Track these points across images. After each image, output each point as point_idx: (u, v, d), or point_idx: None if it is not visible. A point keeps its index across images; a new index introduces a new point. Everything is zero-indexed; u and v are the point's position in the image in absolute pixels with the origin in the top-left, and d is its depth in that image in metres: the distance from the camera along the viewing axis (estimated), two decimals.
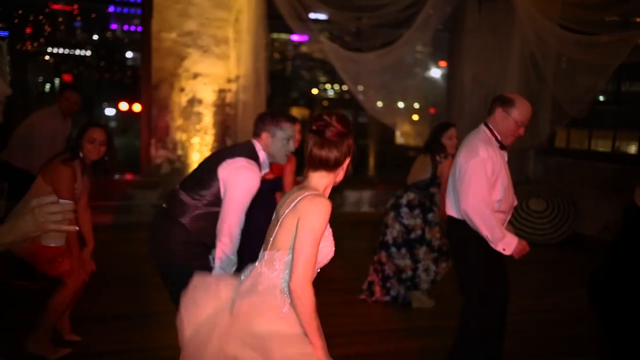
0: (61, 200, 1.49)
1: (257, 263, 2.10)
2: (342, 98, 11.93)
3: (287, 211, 2.01)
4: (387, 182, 7.98)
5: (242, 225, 2.76)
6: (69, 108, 5.06)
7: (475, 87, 7.88)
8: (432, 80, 9.41)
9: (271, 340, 1.90)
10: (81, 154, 3.44)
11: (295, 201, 2.00)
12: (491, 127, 3.09)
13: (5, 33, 8.57)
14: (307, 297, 1.91)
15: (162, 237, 2.84)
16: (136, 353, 3.64)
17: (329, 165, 2.05)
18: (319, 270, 2.09)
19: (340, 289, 5.02)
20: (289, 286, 1.94)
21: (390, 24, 7.29)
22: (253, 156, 2.87)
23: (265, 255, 2.06)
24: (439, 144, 4.61)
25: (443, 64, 9.21)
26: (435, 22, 7.03)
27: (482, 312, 3.06)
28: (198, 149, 7.30)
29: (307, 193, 2.01)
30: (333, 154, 2.03)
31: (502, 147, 3.11)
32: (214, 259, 2.77)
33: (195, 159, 7.23)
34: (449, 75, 8.69)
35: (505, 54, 7.40)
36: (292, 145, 2.99)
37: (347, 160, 2.09)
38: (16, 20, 7.64)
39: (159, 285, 4.70)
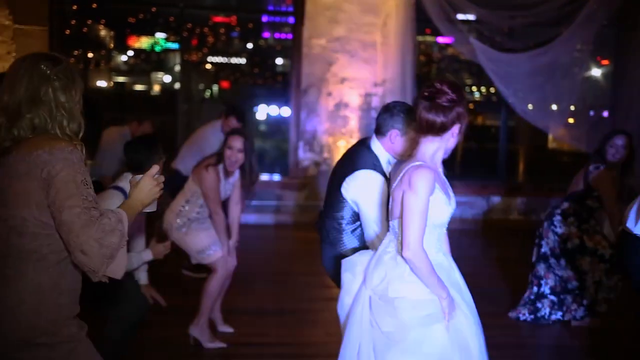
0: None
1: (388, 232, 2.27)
2: (489, 100, 11.46)
3: (395, 184, 2.14)
4: (538, 189, 7.48)
5: None
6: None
7: None
8: (591, 80, 8.66)
9: (400, 304, 2.08)
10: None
11: (402, 174, 2.10)
12: None
13: (176, 45, 9.52)
14: (421, 262, 2.04)
15: (328, 266, 2.82)
16: (284, 347, 3.80)
17: (435, 129, 2.09)
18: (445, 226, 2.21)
19: (488, 299, 4.80)
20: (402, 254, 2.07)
21: (546, 22, 6.86)
22: (372, 162, 2.66)
23: (389, 224, 2.23)
24: (600, 151, 4.26)
25: (604, 62, 8.45)
26: (600, 17, 6.47)
27: None
28: (343, 152, 7.45)
29: (410, 165, 2.10)
30: (439, 118, 2.07)
31: None
32: None
33: None
34: (614, 75, 7.94)
35: None
36: None
37: (457, 127, 2.11)
38: (185, 34, 8.41)
39: (304, 283, 4.91)
